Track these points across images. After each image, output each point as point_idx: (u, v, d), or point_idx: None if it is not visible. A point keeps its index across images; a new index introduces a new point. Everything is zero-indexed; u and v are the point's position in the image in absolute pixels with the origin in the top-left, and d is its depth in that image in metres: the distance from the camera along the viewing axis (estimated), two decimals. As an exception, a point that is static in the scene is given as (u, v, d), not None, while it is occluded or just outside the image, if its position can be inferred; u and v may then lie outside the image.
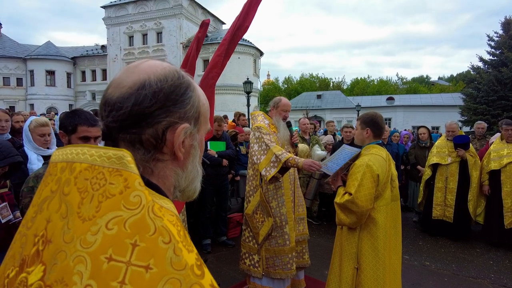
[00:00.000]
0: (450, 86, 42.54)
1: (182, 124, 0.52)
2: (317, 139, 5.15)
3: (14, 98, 28.28)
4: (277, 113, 2.69)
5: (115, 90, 0.51)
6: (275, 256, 2.57)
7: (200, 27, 2.19)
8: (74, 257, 0.38)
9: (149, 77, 0.50)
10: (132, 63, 0.55)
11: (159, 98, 0.50)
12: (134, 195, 0.42)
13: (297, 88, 44.63)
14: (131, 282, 0.37)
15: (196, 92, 0.56)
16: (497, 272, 3.45)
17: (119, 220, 0.40)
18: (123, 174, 0.43)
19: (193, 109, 0.54)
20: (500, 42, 20.38)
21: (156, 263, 0.38)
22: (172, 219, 0.44)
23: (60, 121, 1.64)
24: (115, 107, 0.50)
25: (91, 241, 0.39)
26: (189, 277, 0.39)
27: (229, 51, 2.07)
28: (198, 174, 0.59)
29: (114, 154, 0.44)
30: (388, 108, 30.85)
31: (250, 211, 2.63)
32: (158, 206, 0.43)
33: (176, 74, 0.53)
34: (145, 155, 0.50)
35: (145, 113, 0.49)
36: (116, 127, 0.50)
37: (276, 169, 2.37)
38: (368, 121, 2.05)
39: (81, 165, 0.45)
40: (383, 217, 1.93)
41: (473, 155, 4.30)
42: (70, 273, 0.37)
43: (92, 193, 0.42)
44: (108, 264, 0.37)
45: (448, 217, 4.33)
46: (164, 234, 0.40)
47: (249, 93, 13.70)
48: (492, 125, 16.89)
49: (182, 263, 0.39)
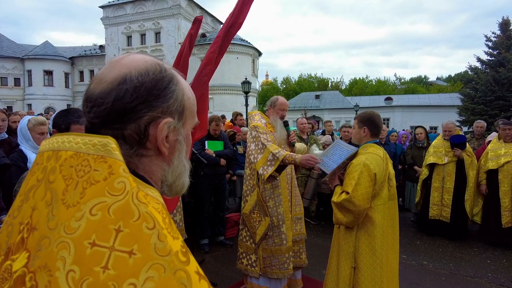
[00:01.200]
0: (448, 86, 42.69)
1: (164, 119, 0.51)
2: (315, 139, 5.15)
3: (11, 98, 28.16)
4: (275, 112, 2.68)
5: (97, 85, 0.50)
6: (272, 256, 2.56)
7: (193, 23, 2.17)
8: (57, 243, 0.38)
9: (130, 72, 0.49)
10: (114, 58, 0.54)
11: (140, 93, 0.49)
12: (118, 181, 0.42)
13: (295, 88, 44.67)
14: (114, 267, 0.37)
15: (179, 85, 0.54)
16: (494, 271, 3.46)
17: (103, 206, 0.40)
18: (108, 161, 0.43)
19: (177, 103, 0.53)
20: (498, 43, 20.47)
21: (140, 248, 0.38)
22: (158, 206, 0.44)
23: (53, 120, 1.63)
24: (96, 103, 0.49)
25: (74, 227, 0.39)
26: (174, 263, 0.39)
27: (223, 48, 2.05)
28: (185, 169, 0.58)
29: (99, 141, 0.44)
30: (386, 108, 30.92)
31: (247, 211, 2.63)
32: (143, 193, 0.43)
33: (158, 67, 0.52)
34: (128, 151, 0.50)
35: (127, 108, 0.48)
36: (98, 123, 0.49)
37: (273, 167, 2.36)
38: (365, 120, 2.05)
39: (67, 153, 0.45)
40: (381, 216, 1.92)
41: (470, 155, 4.31)
42: (54, 259, 0.38)
43: (77, 180, 0.42)
44: (92, 250, 0.37)
45: (445, 217, 4.34)
46: (148, 220, 0.40)
47: (247, 93, 13.69)
48: (490, 125, 16.93)
49: (167, 249, 0.39)
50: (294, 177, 2.81)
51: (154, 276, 0.37)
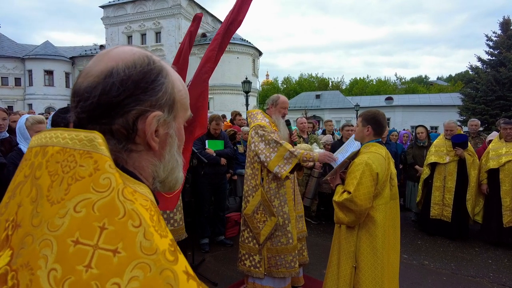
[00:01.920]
0: (448, 86, 42.64)
1: (153, 112, 0.49)
2: (316, 138, 5.14)
3: (12, 98, 28.18)
4: (277, 110, 2.66)
5: (84, 79, 0.49)
6: (277, 255, 2.54)
7: (193, 21, 2.16)
8: (40, 240, 0.37)
9: (117, 64, 0.48)
10: (102, 50, 0.52)
11: (127, 86, 0.47)
12: (104, 177, 0.40)
13: (295, 88, 44.65)
14: (98, 266, 0.35)
15: (169, 78, 0.52)
16: (496, 271, 3.45)
17: (88, 203, 0.39)
18: (93, 156, 0.42)
19: (166, 96, 0.51)
20: (499, 42, 20.44)
21: (124, 247, 0.37)
22: (146, 203, 0.42)
23: (52, 118, 1.62)
24: (83, 97, 0.48)
25: (58, 224, 0.38)
26: (160, 262, 0.37)
27: (223, 45, 2.04)
28: (177, 164, 0.56)
29: (86, 137, 0.43)
30: (387, 108, 30.88)
31: (250, 211, 2.59)
32: (130, 190, 0.42)
33: (146, 59, 0.50)
34: (116, 146, 0.48)
35: (114, 102, 0.47)
36: (85, 118, 0.48)
37: (291, 165, 2.34)
38: (369, 118, 2.03)
39: (53, 148, 0.44)
40: (382, 216, 1.91)
41: (472, 154, 4.29)
42: (36, 257, 0.37)
43: (62, 175, 0.41)
44: (75, 248, 0.36)
45: (446, 217, 4.32)
46: (134, 218, 0.39)
47: (248, 92, 13.68)
48: (490, 125, 16.94)
49: (153, 247, 0.38)
50: (295, 176, 2.81)
51: (139, 276, 0.36)
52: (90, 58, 7.30)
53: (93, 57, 0.52)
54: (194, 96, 1.98)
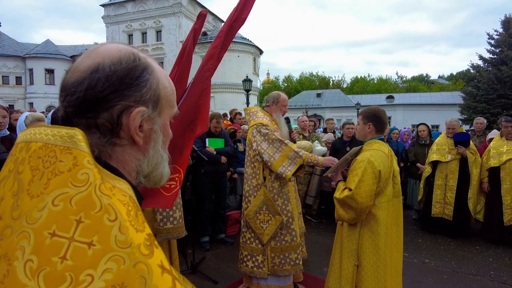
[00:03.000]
0: (450, 85, 42.50)
1: (137, 108, 0.50)
2: (317, 136, 5.13)
3: (13, 97, 28.21)
4: (278, 108, 2.63)
5: (72, 74, 0.50)
6: (281, 254, 2.53)
7: (197, 18, 2.15)
8: (19, 232, 0.39)
9: (103, 61, 0.49)
10: (92, 47, 0.54)
11: (112, 82, 0.49)
12: (82, 172, 0.42)
13: (296, 86, 44.58)
14: (73, 257, 0.37)
15: (154, 74, 0.54)
16: (496, 269, 3.44)
17: (66, 197, 0.40)
18: (73, 152, 0.43)
19: (151, 92, 0.52)
20: (500, 41, 20.34)
21: (100, 240, 0.38)
22: (124, 199, 0.43)
23: (51, 116, 1.62)
24: (69, 92, 0.49)
25: (36, 217, 0.39)
26: (134, 255, 0.38)
27: (226, 43, 2.02)
28: (162, 159, 0.58)
29: (66, 133, 0.45)
30: (388, 106, 30.79)
31: (252, 212, 2.55)
32: (108, 185, 0.43)
33: (132, 56, 0.52)
34: (101, 139, 0.50)
35: (99, 97, 0.48)
36: (72, 112, 0.49)
37: (296, 165, 2.34)
38: (370, 116, 2.01)
39: (36, 144, 0.45)
40: (385, 214, 1.90)
41: (474, 153, 4.28)
42: (14, 248, 0.38)
43: (42, 170, 0.42)
44: (51, 240, 0.37)
45: (448, 215, 4.31)
46: (110, 212, 0.40)
47: (249, 91, 13.67)
48: (491, 124, 16.88)
49: (128, 241, 0.39)
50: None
51: (113, 268, 0.37)
52: (91, 56, 7.35)
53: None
54: (196, 94, 1.97)
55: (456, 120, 4.54)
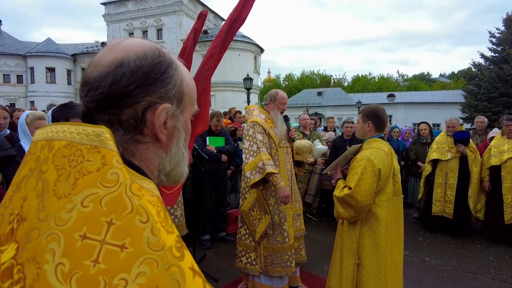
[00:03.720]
0: (451, 83, 42.35)
1: (162, 104, 0.49)
2: (318, 135, 5.13)
3: (14, 95, 28.27)
4: (275, 106, 2.61)
5: (94, 69, 0.49)
6: (273, 254, 2.52)
7: (198, 18, 2.15)
8: (47, 234, 0.37)
9: (127, 55, 0.48)
10: (112, 41, 0.53)
11: (137, 77, 0.47)
12: (111, 172, 0.40)
13: (297, 85, 44.50)
14: (105, 261, 0.36)
15: (178, 71, 0.53)
16: (497, 267, 3.44)
17: (95, 198, 0.39)
18: (101, 151, 0.42)
19: (175, 89, 0.51)
20: (502, 39, 20.21)
21: (132, 242, 0.37)
22: (152, 199, 0.43)
23: (52, 114, 1.63)
24: (92, 87, 0.48)
25: (65, 219, 0.38)
26: (167, 258, 0.37)
27: (226, 43, 2.03)
28: (183, 158, 0.57)
29: (93, 131, 0.43)
30: (389, 105, 30.72)
31: (246, 208, 2.57)
32: (137, 186, 0.42)
33: (157, 51, 0.51)
34: (124, 136, 0.48)
35: (123, 92, 0.47)
36: (94, 108, 0.48)
37: (261, 176, 2.34)
38: (369, 114, 2.01)
39: (60, 142, 0.44)
40: (385, 212, 1.89)
41: (473, 151, 4.28)
42: (43, 251, 0.37)
43: (69, 170, 0.41)
44: (82, 242, 0.36)
45: (448, 213, 4.31)
46: (141, 213, 0.39)
47: (249, 89, 13.65)
48: (493, 122, 16.82)
49: (160, 243, 0.38)
50: (293, 173, 2.77)
51: (146, 272, 0.36)
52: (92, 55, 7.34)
53: (93, 54, 0.52)
54: (197, 93, 1.98)
55: (456, 118, 4.53)
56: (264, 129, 2.52)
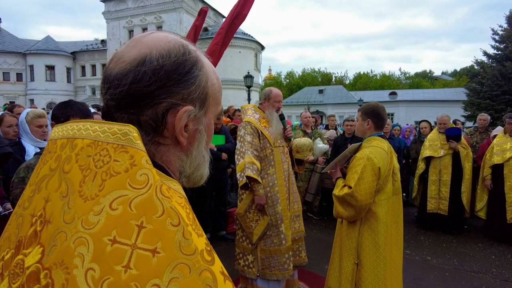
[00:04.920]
0: (453, 81, 42.19)
1: (184, 107, 0.47)
2: (320, 133, 5.10)
3: (14, 94, 28.32)
4: (270, 105, 2.56)
5: (115, 65, 0.47)
6: (271, 257, 2.47)
7: (198, 15, 2.13)
8: (75, 238, 0.36)
9: (151, 52, 0.45)
10: (138, 35, 0.50)
11: (159, 77, 0.45)
12: (141, 173, 0.38)
13: (298, 83, 44.39)
14: (137, 266, 0.34)
15: (204, 70, 0.50)
16: (499, 266, 3.42)
17: (124, 200, 0.37)
18: (129, 151, 0.40)
19: (199, 90, 0.48)
20: (505, 36, 20.06)
21: (163, 247, 0.35)
22: (181, 201, 0.41)
23: (52, 112, 1.60)
24: (113, 84, 0.46)
25: (93, 222, 0.36)
26: (199, 262, 0.36)
27: (226, 40, 2.00)
28: (204, 160, 0.54)
29: (119, 130, 0.41)
30: (391, 103, 30.63)
31: (242, 210, 2.52)
32: (166, 187, 0.40)
33: (182, 49, 0.48)
34: (144, 137, 0.45)
35: (144, 92, 0.44)
36: (114, 106, 0.46)
37: (243, 179, 2.35)
38: (369, 112, 1.98)
39: (83, 141, 0.42)
40: (384, 211, 1.88)
41: (465, 147, 4.30)
42: (71, 255, 0.35)
43: (95, 170, 0.39)
44: (112, 247, 0.35)
45: (443, 210, 4.32)
46: (172, 216, 0.37)
47: (250, 87, 13.60)
48: (495, 120, 16.75)
49: (192, 247, 0.37)
50: (291, 174, 2.70)
51: (179, 277, 0.35)
52: (92, 53, 7.34)
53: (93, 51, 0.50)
54: None
55: (447, 115, 4.55)
56: (257, 129, 2.48)
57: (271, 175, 2.50)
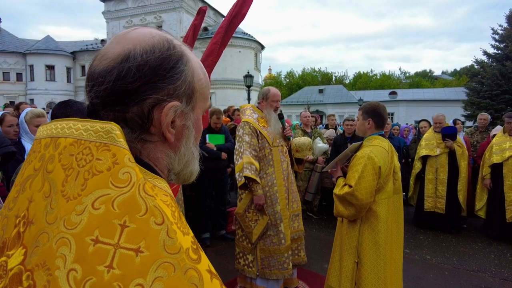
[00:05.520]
0: (453, 81, 42.19)
1: (170, 102, 0.46)
2: (319, 132, 5.10)
3: (14, 93, 28.31)
4: (268, 104, 2.55)
5: (99, 62, 0.46)
6: (270, 256, 2.47)
7: (197, 14, 2.13)
8: (57, 239, 0.35)
9: (134, 48, 0.45)
10: (121, 31, 0.49)
11: (144, 72, 0.44)
12: (123, 171, 0.38)
13: (298, 82, 44.37)
14: (120, 266, 0.34)
15: (189, 65, 0.49)
16: (498, 265, 3.43)
17: (107, 199, 0.37)
18: (112, 149, 0.39)
19: (185, 85, 0.48)
20: (505, 36, 20.04)
21: (147, 246, 0.35)
22: (166, 199, 0.41)
23: (52, 112, 1.61)
24: (97, 82, 0.45)
25: (75, 222, 0.36)
26: (184, 261, 0.36)
27: (225, 39, 2.01)
28: (193, 157, 0.54)
29: (102, 128, 0.40)
30: (391, 102, 30.62)
31: (241, 210, 2.51)
32: (150, 185, 0.40)
33: (166, 44, 0.47)
34: (130, 135, 0.45)
35: (129, 89, 0.44)
36: (99, 104, 0.45)
37: (242, 180, 2.36)
38: (370, 111, 1.99)
39: (66, 140, 0.41)
40: (385, 210, 1.88)
41: (461, 146, 4.33)
42: (53, 256, 0.35)
43: (77, 169, 0.39)
44: (94, 247, 0.34)
45: (440, 208, 4.34)
46: (156, 215, 0.37)
47: (250, 87, 13.60)
48: (495, 120, 16.75)
49: (177, 246, 0.36)
50: (290, 173, 2.69)
51: (163, 276, 0.34)
52: (92, 52, 7.37)
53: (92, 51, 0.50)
54: None
55: (442, 114, 4.57)
56: (255, 129, 2.48)
57: (270, 175, 2.50)
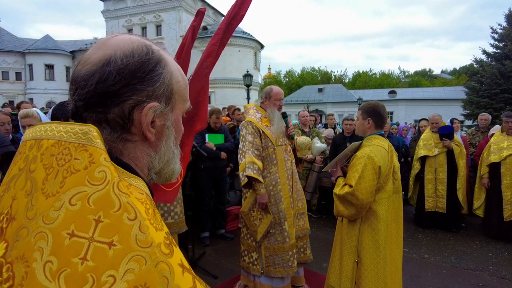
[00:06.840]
0: (453, 80, 42.20)
1: (149, 103, 0.49)
2: (318, 132, 5.11)
3: (13, 93, 28.23)
4: (271, 103, 2.55)
5: (82, 67, 0.49)
6: (274, 254, 2.48)
7: (196, 15, 2.14)
8: (36, 233, 0.38)
9: (115, 53, 0.48)
10: (102, 38, 0.52)
11: (124, 75, 0.47)
12: (99, 170, 0.41)
13: (298, 81, 44.35)
14: (93, 258, 0.36)
15: (168, 68, 0.52)
16: (496, 264, 3.45)
17: (83, 196, 0.39)
18: (89, 149, 0.42)
19: (164, 87, 0.50)
20: (504, 35, 20.04)
21: (120, 239, 0.37)
22: (141, 197, 0.43)
23: (52, 112, 1.62)
24: (80, 85, 0.48)
25: (53, 217, 0.38)
26: (155, 254, 0.38)
27: (224, 40, 2.01)
28: (174, 156, 0.57)
29: (80, 130, 0.43)
30: (390, 101, 30.65)
31: (246, 209, 2.53)
32: (125, 183, 0.42)
33: (145, 49, 0.50)
34: (111, 135, 0.48)
35: (110, 91, 0.46)
36: (82, 106, 0.48)
37: (245, 179, 2.38)
38: (369, 111, 1.99)
39: (48, 141, 0.44)
40: (385, 210, 1.89)
41: (459, 145, 4.36)
42: (31, 250, 0.37)
43: (57, 169, 0.41)
44: (70, 240, 0.37)
45: (441, 208, 4.36)
46: (129, 211, 0.39)
47: (249, 86, 13.60)
48: (494, 119, 16.76)
49: (148, 240, 0.38)
50: (295, 172, 2.71)
51: (135, 268, 0.36)
52: (90, 51, 7.31)
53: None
54: (195, 90, 1.97)
55: (438, 114, 4.59)
56: (258, 129, 2.48)
57: (273, 174, 2.51)
